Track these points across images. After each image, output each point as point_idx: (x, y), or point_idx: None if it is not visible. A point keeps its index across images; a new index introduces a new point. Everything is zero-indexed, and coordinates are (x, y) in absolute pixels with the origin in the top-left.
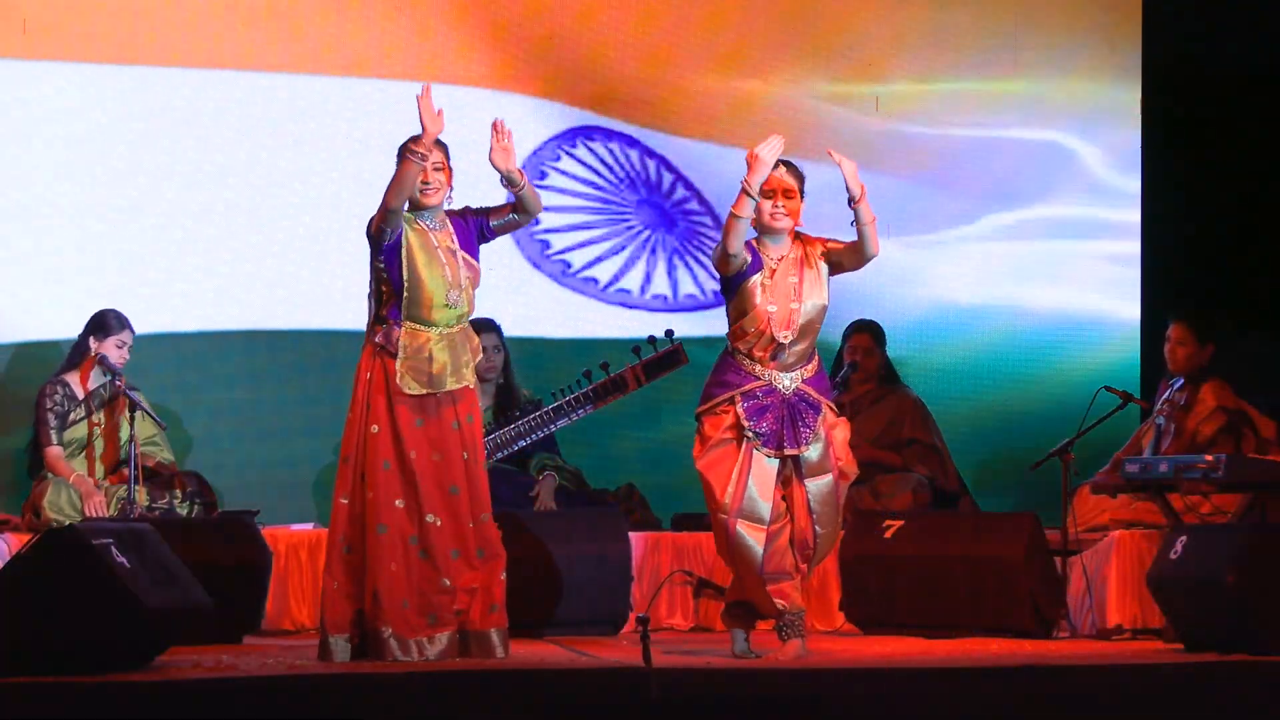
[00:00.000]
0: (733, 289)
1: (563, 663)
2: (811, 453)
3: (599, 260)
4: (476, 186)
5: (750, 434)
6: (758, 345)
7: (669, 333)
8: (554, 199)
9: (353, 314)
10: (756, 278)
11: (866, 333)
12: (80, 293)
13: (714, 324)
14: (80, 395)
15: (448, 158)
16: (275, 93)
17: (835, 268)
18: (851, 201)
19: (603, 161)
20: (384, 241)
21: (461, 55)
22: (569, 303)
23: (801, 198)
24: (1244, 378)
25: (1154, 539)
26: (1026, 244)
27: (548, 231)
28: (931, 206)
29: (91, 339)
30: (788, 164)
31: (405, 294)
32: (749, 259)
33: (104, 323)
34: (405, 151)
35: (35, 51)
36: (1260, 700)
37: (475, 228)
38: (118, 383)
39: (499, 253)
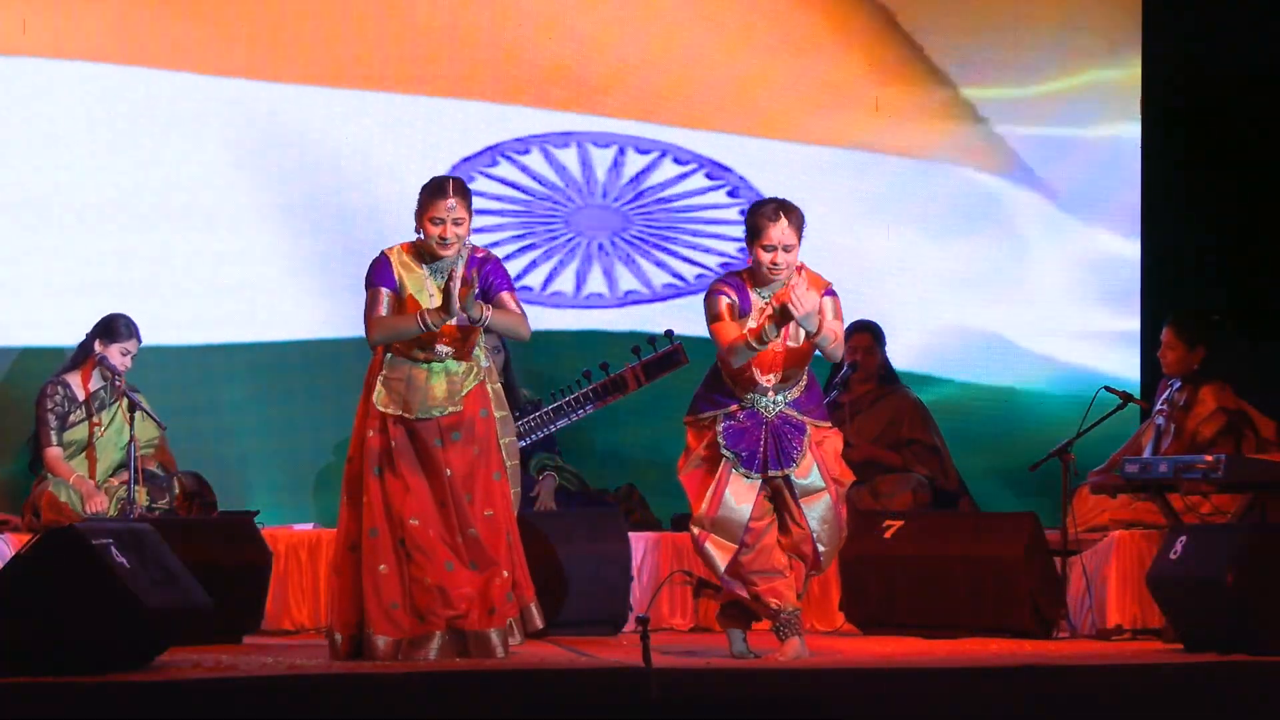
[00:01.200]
0: None
1: (563, 663)
2: (804, 478)
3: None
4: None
5: (727, 454)
6: (740, 378)
7: (669, 333)
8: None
9: (354, 316)
10: (743, 322)
11: (866, 332)
12: (81, 295)
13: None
14: (81, 396)
15: (469, 206)
16: (277, 102)
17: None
18: (810, 336)
19: (533, 176)
20: None
21: (459, 67)
22: None
23: (800, 242)
24: (1245, 378)
25: (1154, 539)
26: (1025, 243)
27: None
28: (930, 205)
29: (97, 342)
30: (789, 212)
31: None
32: (738, 300)
33: (112, 327)
34: (421, 314)
35: (35, 51)
36: (1260, 700)
37: (481, 286)
38: (118, 383)
39: None
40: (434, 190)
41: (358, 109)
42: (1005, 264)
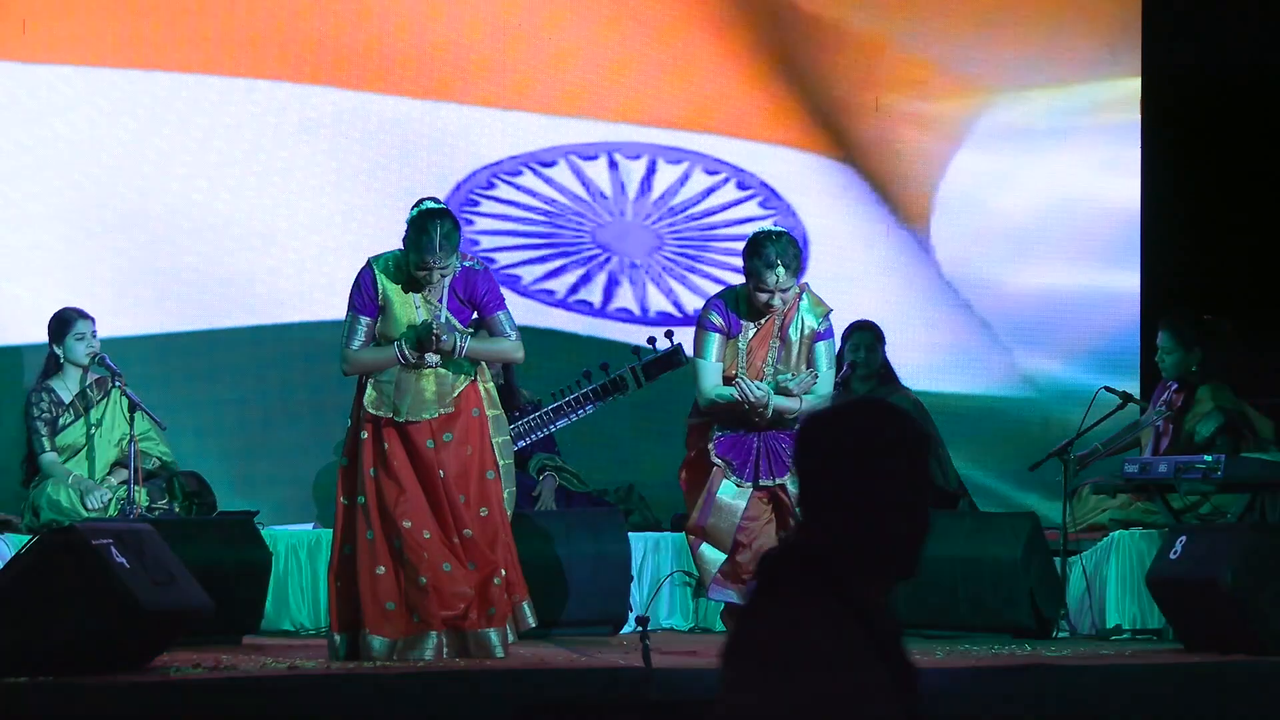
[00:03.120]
0: None
1: (563, 663)
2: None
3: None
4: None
5: (718, 462)
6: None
7: (669, 333)
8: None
9: None
10: (732, 343)
11: (867, 330)
12: (81, 290)
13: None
14: (67, 399)
15: (456, 248)
16: (271, 97)
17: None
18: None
19: (561, 190)
20: None
21: (459, 69)
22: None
23: (799, 277)
24: (1244, 378)
25: (1154, 539)
26: (1025, 244)
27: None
28: (930, 205)
29: (55, 345)
30: (785, 257)
31: (379, 342)
32: (728, 328)
33: (61, 322)
34: (399, 347)
35: (35, 53)
36: (1260, 700)
37: (468, 303)
38: (118, 383)
39: None
40: (419, 242)
41: (356, 106)
42: (1004, 263)
